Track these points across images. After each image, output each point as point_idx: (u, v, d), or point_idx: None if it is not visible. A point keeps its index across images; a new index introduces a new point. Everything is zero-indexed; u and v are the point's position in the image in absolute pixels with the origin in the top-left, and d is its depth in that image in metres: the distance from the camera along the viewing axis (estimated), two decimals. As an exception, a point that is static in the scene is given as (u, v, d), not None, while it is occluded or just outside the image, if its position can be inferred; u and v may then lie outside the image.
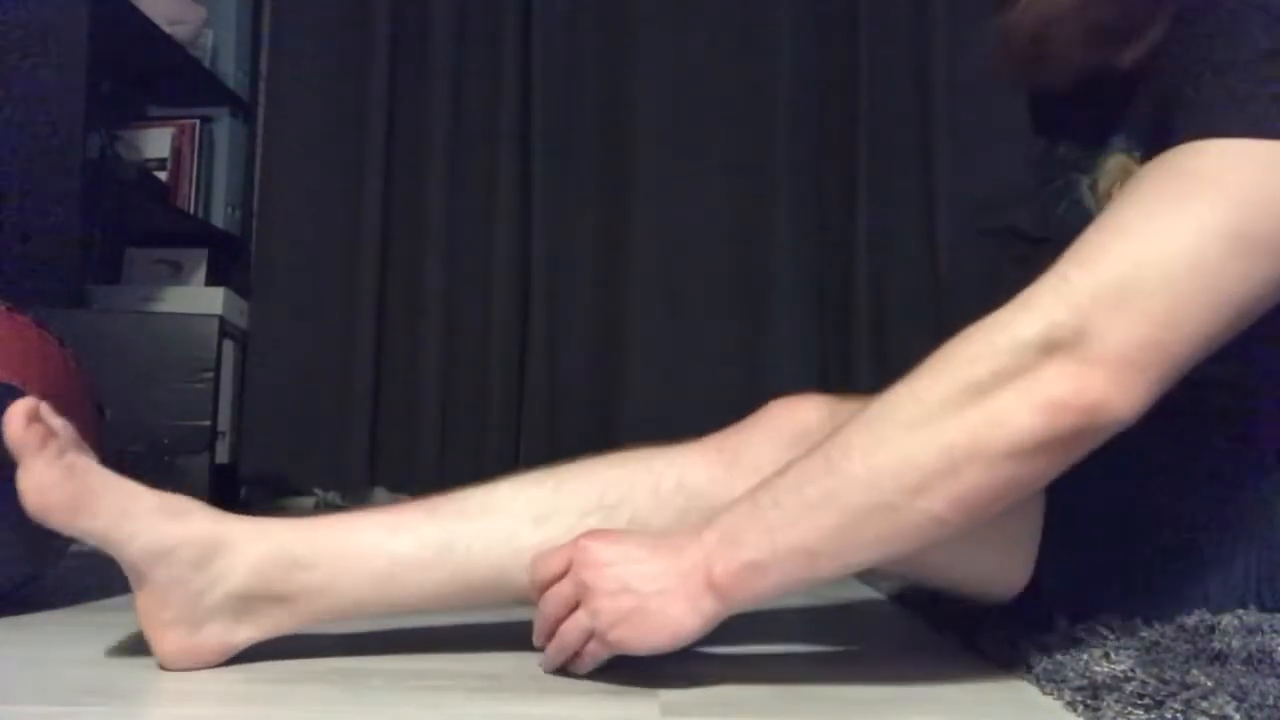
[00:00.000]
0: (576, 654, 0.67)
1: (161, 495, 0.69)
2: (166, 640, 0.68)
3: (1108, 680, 0.62)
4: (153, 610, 0.67)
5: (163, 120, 2.14)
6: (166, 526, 0.67)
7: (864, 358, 2.05)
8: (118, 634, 0.82)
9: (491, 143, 2.13)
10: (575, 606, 0.66)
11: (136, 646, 0.76)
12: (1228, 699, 0.57)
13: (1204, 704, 0.57)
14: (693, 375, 2.06)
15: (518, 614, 0.75)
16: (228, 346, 1.99)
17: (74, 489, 0.65)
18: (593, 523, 0.70)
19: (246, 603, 0.68)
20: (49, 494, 0.65)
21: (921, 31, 2.11)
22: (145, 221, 2.06)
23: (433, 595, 0.71)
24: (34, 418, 0.65)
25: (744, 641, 0.80)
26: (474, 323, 2.12)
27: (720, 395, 2.03)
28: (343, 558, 0.70)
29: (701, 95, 2.13)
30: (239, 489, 2.12)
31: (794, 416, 0.73)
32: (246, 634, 0.69)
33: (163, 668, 0.68)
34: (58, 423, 0.68)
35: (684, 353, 2.08)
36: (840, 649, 0.79)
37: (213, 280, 2.14)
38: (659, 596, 0.63)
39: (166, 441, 1.50)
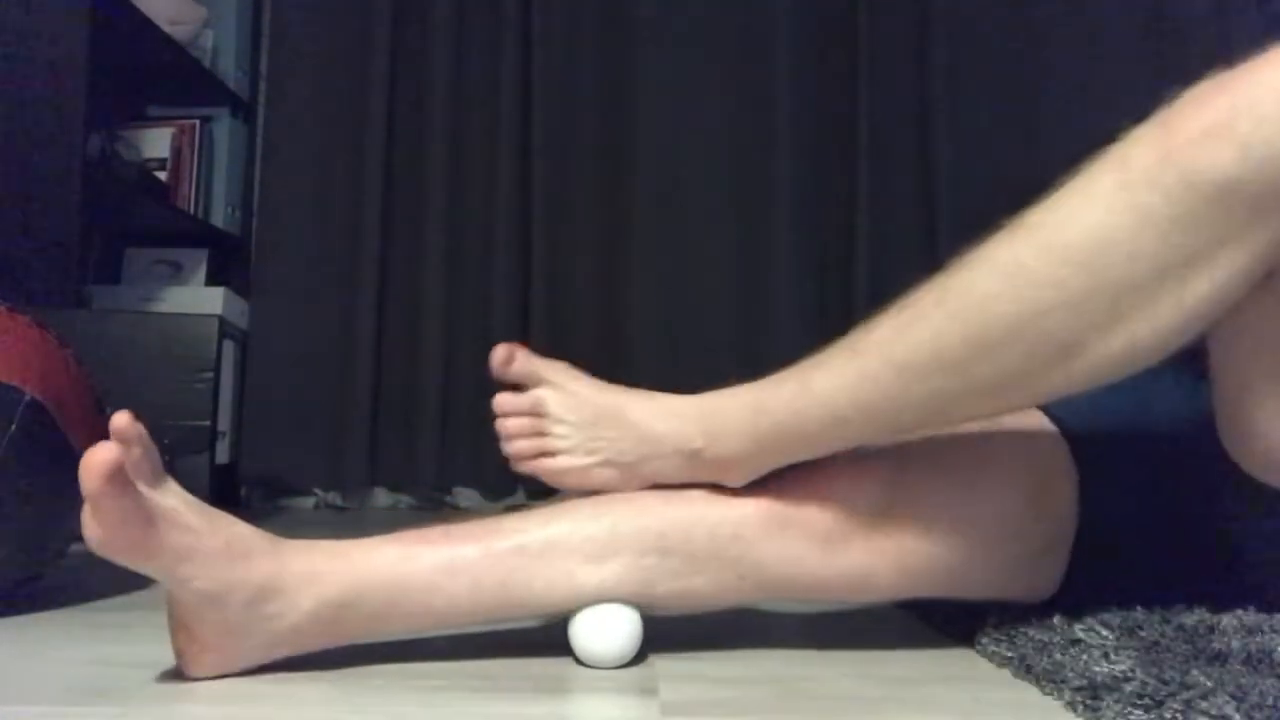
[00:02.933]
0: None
1: (227, 533, 0.65)
2: (200, 663, 0.67)
3: (1108, 680, 0.62)
4: (199, 636, 0.66)
5: (163, 120, 2.14)
6: (226, 570, 0.64)
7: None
8: (118, 634, 0.82)
9: (492, 143, 2.13)
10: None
11: (136, 647, 0.76)
12: (1227, 699, 0.57)
13: (1204, 704, 0.57)
14: (693, 378, 2.04)
15: (518, 614, 0.75)
16: (228, 346, 1.99)
17: (139, 533, 0.61)
18: (649, 563, 0.71)
19: (293, 634, 0.68)
20: (114, 544, 0.60)
21: (922, 33, 2.11)
22: (145, 221, 2.06)
23: (480, 622, 0.72)
24: (113, 474, 0.58)
25: (744, 641, 0.80)
26: (474, 323, 2.12)
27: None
28: (397, 601, 0.69)
29: (701, 98, 2.13)
30: (239, 489, 2.12)
31: (858, 484, 0.72)
32: (282, 654, 0.69)
33: (188, 677, 0.67)
34: (138, 452, 0.61)
35: (684, 356, 2.07)
36: (840, 649, 0.79)
37: (213, 280, 2.13)
38: None
39: (166, 441, 1.49)
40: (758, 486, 0.74)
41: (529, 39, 2.13)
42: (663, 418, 0.77)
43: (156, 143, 2.09)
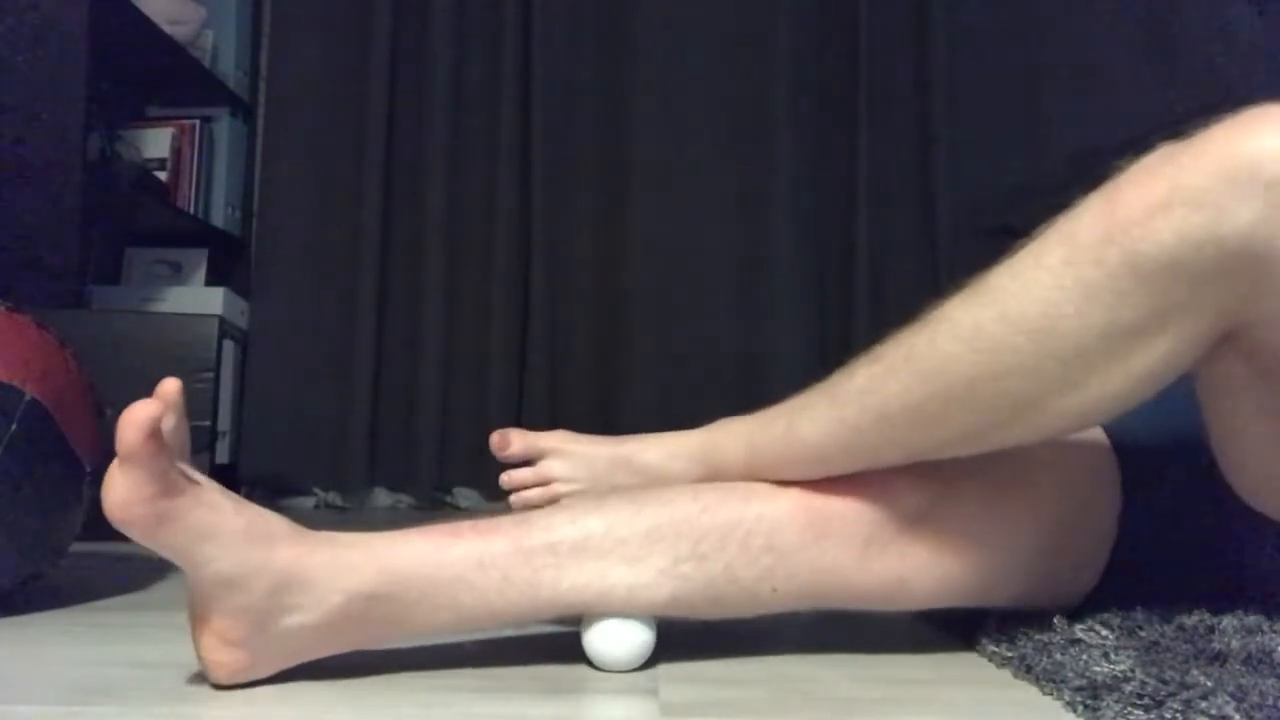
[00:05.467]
0: None
1: (250, 515, 0.64)
2: (226, 659, 0.64)
3: (1107, 680, 0.62)
4: (220, 629, 0.64)
5: (163, 120, 2.14)
6: (248, 553, 0.62)
7: (864, 359, 2.05)
8: (118, 634, 0.82)
9: (492, 143, 2.13)
10: None
11: (137, 647, 0.76)
12: (1227, 699, 0.57)
13: (1203, 704, 0.57)
14: (693, 378, 2.06)
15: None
16: (228, 346, 1.99)
17: (165, 501, 0.59)
18: (686, 570, 0.70)
19: (319, 631, 0.66)
20: (136, 508, 0.58)
21: (921, 30, 2.11)
22: (145, 221, 2.06)
23: (507, 622, 0.71)
24: (154, 432, 0.58)
25: (744, 641, 0.80)
26: (474, 322, 2.12)
27: (721, 395, 2.03)
28: (426, 595, 0.67)
29: (700, 95, 2.13)
30: (239, 489, 2.12)
31: (890, 493, 0.71)
32: (304, 657, 0.67)
33: (215, 684, 0.65)
34: (171, 424, 0.61)
35: (684, 355, 2.08)
36: (841, 649, 0.79)
37: (213, 280, 2.14)
38: None
39: (166, 441, 1.50)
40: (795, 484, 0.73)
41: (529, 38, 2.13)
42: (669, 459, 0.83)
43: (156, 143, 2.10)
